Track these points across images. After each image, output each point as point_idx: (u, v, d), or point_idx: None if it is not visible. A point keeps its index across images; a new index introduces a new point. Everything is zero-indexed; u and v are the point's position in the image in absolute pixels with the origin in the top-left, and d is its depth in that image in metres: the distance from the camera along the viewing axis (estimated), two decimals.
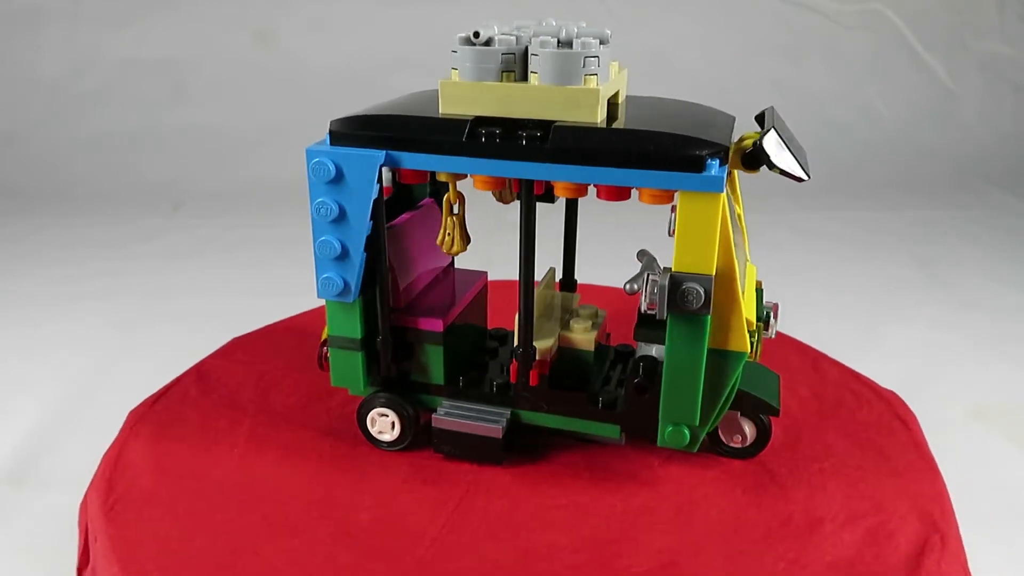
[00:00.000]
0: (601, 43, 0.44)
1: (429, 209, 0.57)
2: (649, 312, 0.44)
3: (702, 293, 0.42)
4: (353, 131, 0.46)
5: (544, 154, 0.43)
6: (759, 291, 0.51)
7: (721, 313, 0.44)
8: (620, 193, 0.43)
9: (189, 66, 1.44)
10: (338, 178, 0.45)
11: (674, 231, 0.43)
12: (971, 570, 0.48)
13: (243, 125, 1.41)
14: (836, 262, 1.05)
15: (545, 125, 0.43)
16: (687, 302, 0.43)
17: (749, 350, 0.45)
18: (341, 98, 1.40)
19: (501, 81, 0.44)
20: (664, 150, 0.41)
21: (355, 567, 0.43)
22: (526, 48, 0.44)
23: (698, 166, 0.41)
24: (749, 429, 0.51)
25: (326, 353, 0.52)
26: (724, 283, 0.43)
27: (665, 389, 0.46)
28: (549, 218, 0.50)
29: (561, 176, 0.43)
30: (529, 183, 0.44)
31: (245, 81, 1.44)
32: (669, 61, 1.47)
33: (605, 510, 0.48)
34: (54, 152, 1.38)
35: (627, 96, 0.50)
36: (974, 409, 0.70)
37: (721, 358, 0.45)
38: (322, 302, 0.50)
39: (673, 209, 0.43)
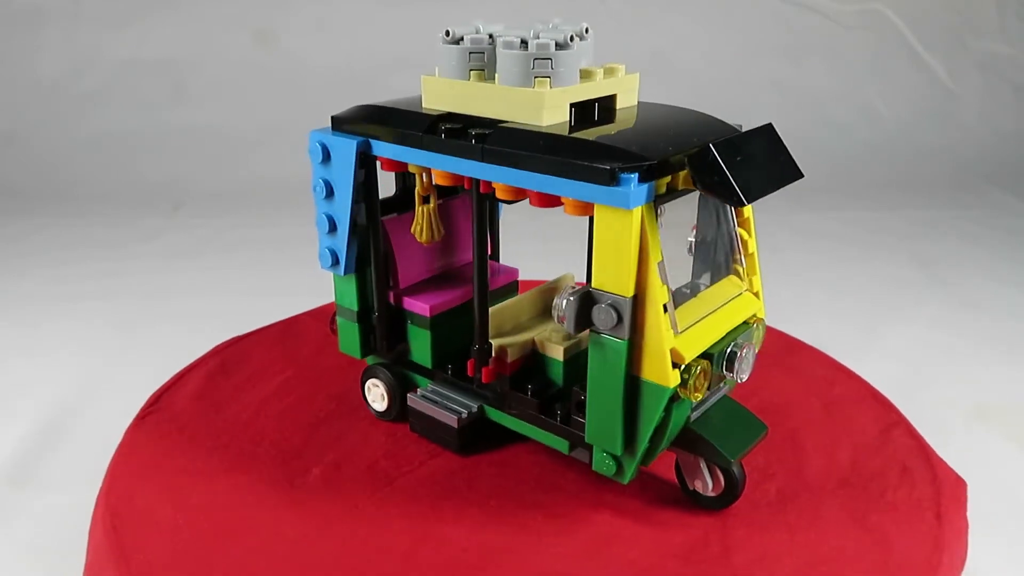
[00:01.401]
0: (558, 46, 0.43)
1: (464, 201, 0.57)
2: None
3: (614, 315, 0.40)
4: (345, 118, 0.50)
5: (483, 154, 0.43)
6: (747, 326, 0.45)
7: (637, 340, 0.41)
8: (549, 200, 0.41)
9: (189, 66, 1.44)
10: (326, 159, 0.50)
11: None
12: (971, 570, 0.48)
13: (243, 125, 1.41)
14: (836, 262, 1.05)
15: (493, 125, 0.43)
16: (599, 322, 0.41)
17: (671, 385, 0.41)
18: (341, 98, 1.39)
19: (469, 80, 0.45)
20: (580, 160, 0.39)
21: None
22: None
23: (611, 179, 0.38)
24: (711, 476, 0.47)
25: (335, 320, 0.56)
26: (641, 307, 0.40)
27: (588, 411, 0.44)
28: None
29: (495, 177, 0.43)
30: (477, 181, 0.44)
31: (245, 81, 1.44)
32: (669, 61, 1.47)
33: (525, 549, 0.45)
34: (54, 152, 1.38)
35: (639, 103, 0.48)
36: (974, 409, 0.70)
37: (642, 388, 0.42)
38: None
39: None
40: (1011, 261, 1.05)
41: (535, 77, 0.43)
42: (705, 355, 0.42)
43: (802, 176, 0.43)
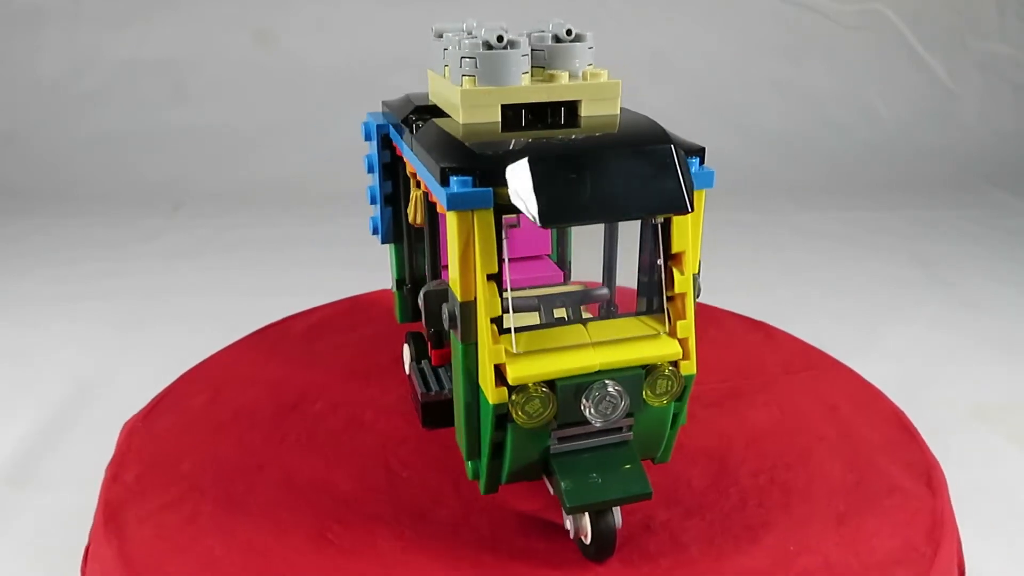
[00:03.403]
0: (487, 46, 0.42)
1: None
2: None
3: (446, 315, 0.40)
4: (387, 103, 0.52)
5: (412, 147, 0.44)
6: (636, 371, 0.40)
7: (474, 347, 0.40)
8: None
9: (189, 66, 1.44)
10: (368, 138, 0.53)
11: None
12: (971, 570, 0.48)
13: (243, 125, 1.41)
14: (836, 262, 1.05)
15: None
16: (444, 320, 0.40)
17: (492, 401, 0.39)
18: (341, 98, 1.40)
19: (444, 76, 0.46)
20: (432, 158, 0.39)
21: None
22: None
23: (442, 179, 0.37)
24: (576, 521, 0.43)
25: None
26: (474, 316, 0.39)
27: (455, 410, 0.43)
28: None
29: (418, 171, 0.43)
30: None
31: (245, 81, 1.44)
32: (669, 61, 1.47)
33: None
34: (54, 152, 1.38)
35: (623, 110, 0.46)
36: (974, 409, 0.70)
37: (480, 397, 0.40)
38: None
39: None
40: (1011, 261, 1.05)
41: (462, 75, 0.42)
42: (551, 385, 0.39)
43: (682, 210, 0.37)
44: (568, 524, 0.43)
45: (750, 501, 0.48)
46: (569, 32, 0.45)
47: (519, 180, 0.36)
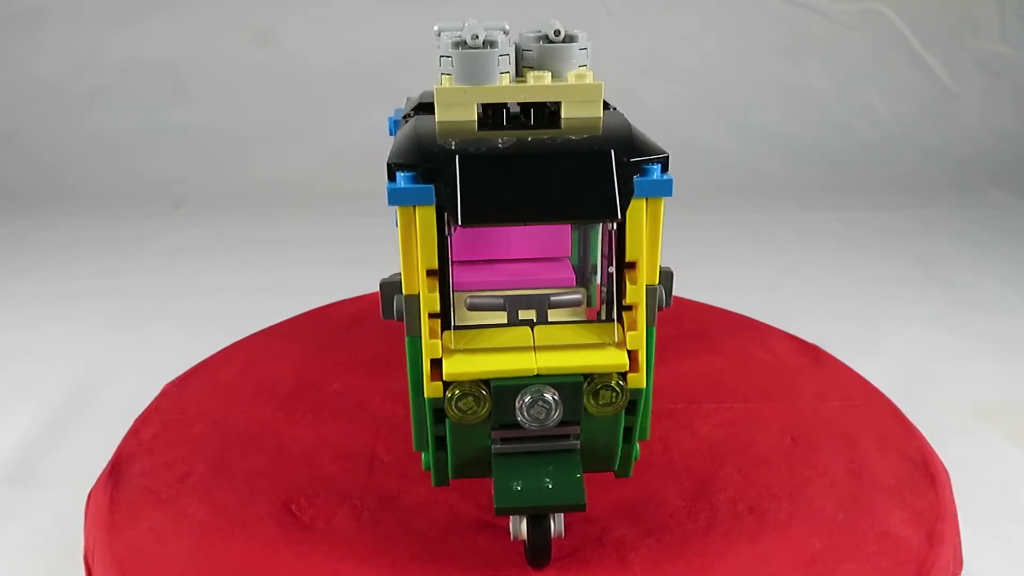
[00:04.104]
0: (463, 44, 0.42)
1: None
2: None
3: (395, 307, 0.40)
4: (409, 99, 0.53)
5: None
6: (575, 379, 0.40)
7: (419, 343, 0.40)
8: None
9: (189, 66, 1.44)
10: (391, 133, 0.53)
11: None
12: (970, 570, 0.48)
13: (243, 125, 1.41)
14: (836, 262, 1.05)
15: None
16: (395, 311, 0.41)
17: (427, 395, 0.40)
18: (341, 98, 1.40)
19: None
20: (392, 153, 0.40)
21: None
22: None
23: (389, 175, 0.38)
24: (516, 524, 0.43)
25: None
26: (415, 308, 0.40)
27: None
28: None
29: None
30: None
31: (245, 81, 1.44)
32: (669, 61, 1.47)
33: None
34: (54, 152, 1.38)
35: (609, 111, 0.46)
36: (974, 409, 0.70)
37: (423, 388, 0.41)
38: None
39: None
40: (1011, 261, 1.05)
41: (441, 73, 0.43)
42: (487, 385, 0.40)
43: (610, 217, 0.37)
44: (511, 526, 0.44)
45: (718, 528, 0.47)
46: (557, 33, 0.45)
47: (448, 178, 0.37)
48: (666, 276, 0.42)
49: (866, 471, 0.52)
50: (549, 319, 0.43)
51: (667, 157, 0.39)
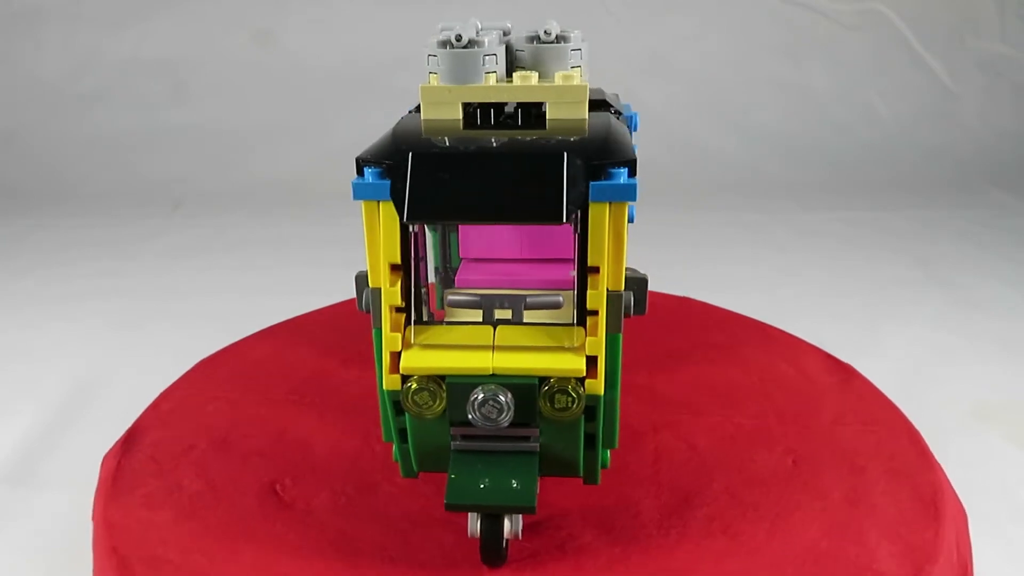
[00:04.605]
0: (447, 44, 0.43)
1: None
2: None
3: (364, 298, 0.41)
4: None
5: None
6: (530, 380, 0.40)
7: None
8: None
9: (189, 66, 1.44)
10: None
11: None
12: (971, 570, 0.48)
13: (243, 125, 1.41)
14: (836, 262, 1.05)
15: None
16: (363, 304, 0.42)
17: (385, 387, 0.41)
18: (341, 98, 1.40)
19: None
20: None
21: None
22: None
23: (358, 170, 0.39)
24: (472, 521, 0.43)
25: None
26: (379, 303, 0.40)
27: None
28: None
29: None
30: None
31: (245, 81, 1.44)
32: (669, 61, 1.47)
33: None
34: (54, 152, 1.38)
35: (594, 113, 0.45)
36: (974, 409, 0.70)
37: None
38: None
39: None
40: (1011, 261, 1.05)
41: (428, 72, 0.43)
42: (442, 380, 0.40)
43: (553, 220, 0.37)
44: (468, 523, 0.44)
45: (686, 544, 0.46)
46: (548, 33, 0.45)
47: (401, 174, 0.37)
48: (636, 283, 0.42)
49: (865, 500, 0.49)
50: (526, 320, 0.43)
51: (634, 161, 0.39)
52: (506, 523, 0.43)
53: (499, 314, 0.44)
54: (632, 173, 0.39)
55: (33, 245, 1.12)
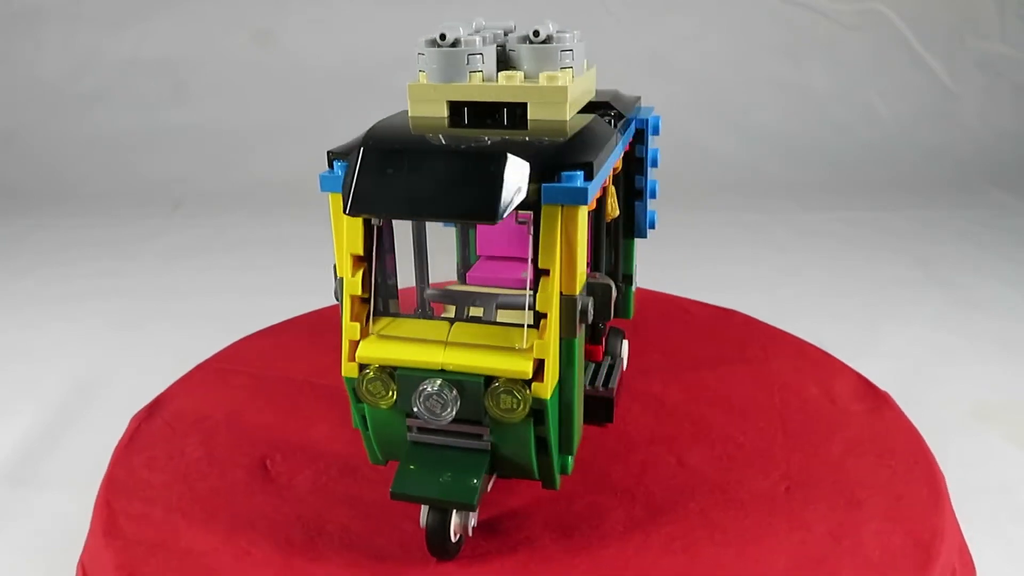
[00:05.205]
0: (433, 43, 0.43)
1: None
2: None
3: (336, 288, 0.43)
4: None
5: None
6: (475, 378, 0.40)
7: None
8: None
9: (189, 66, 1.44)
10: None
11: None
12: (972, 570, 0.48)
13: (243, 125, 1.41)
14: (836, 262, 1.05)
15: None
16: (336, 293, 0.43)
17: (343, 374, 0.42)
18: (341, 98, 1.40)
19: None
20: None
21: None
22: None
23: (329, 163, 0.41)
24: (424, 512, 0.44)
25: None
26: (344, 292, 0.42)
27: None
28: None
29: None
30: None
31: (245, 81, 1.44)
32: (668, 61, 1.47)
33: None
34: (54, 152, 1.38)
35: (577, 116, 0.46)
36: (974, 409, 0.70)
37: None
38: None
39: None
40: (1011, 261, 1.05)
41: (418, 70, 0.44)
42: (392, 373, 0.41)
43: (486, 219, 0.37)
44: (420, 515, 0.44)
45: (642, 559, 0.45)
46: (536, 33, 0.45)
47: (350, 167, 0.38)
48: (598, 288, 0.42)
49: (850, 537, 0.46)
50: (500, 319, 0.44)
51: (590, 164, 0.39)
52: (455, 518, 0.43)
53: (473, 311, 0.44)
54: (588, 177, 0.39)
55: (33, 245, 1.12)
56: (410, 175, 0.37)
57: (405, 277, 0.47)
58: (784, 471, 0.52)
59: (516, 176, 0.37)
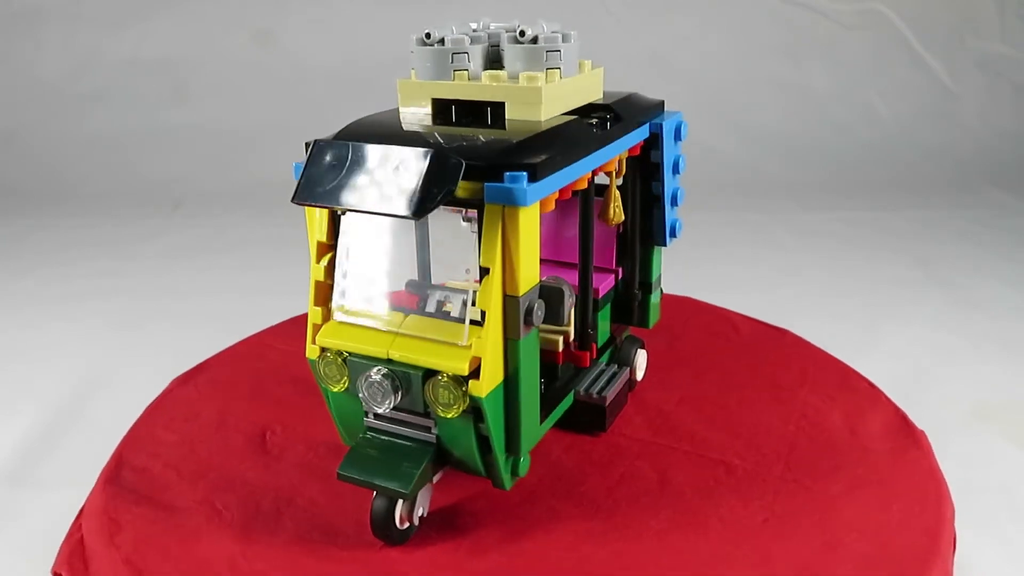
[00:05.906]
0: (420, 42, 0.45)
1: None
2: None
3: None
4: None
5: None
6: (415, 370, 0.42)
7: None
8: None
9: (189, 66, 1.44)
10: None
11: None
12: (969, 569, 0.48)
13: (243, 125, 1.41)
14: (836, 262, 1.05)
15: None
16: None
17: (307, 355, 0.44)
18: (341, 98, 1.40)
19: None
20: None
21: None
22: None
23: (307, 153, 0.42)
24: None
25: None
26: (312, 278, 0.44)
27: None
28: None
29: None
30: None
31: (245, 81, 1.44)
32: (668, 61, 1.47)
33: None
34: (54, 152, 1.38)
35: (559, 117, 0.46)
36: (974, 409, 0.70)
37: None
38: None
39: None
40: (1011, 261, 1.05)
41: (410, 68, 0.46)
42: (344, 358, 0.43)
43: (404, 215, 0.38)
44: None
45: (579, 570, 0.44)
46: (523, 33, 0.45)
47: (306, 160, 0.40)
48: (549, 292, 0.42)
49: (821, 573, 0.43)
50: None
51: (535, 166, 0.39)
52: (400, 506, 0.44)
53: (446, 307, 0.45)
54: (532, 179, 0.39)
55: (33, 245, 1.12)
56: (349, 168, 0.39)
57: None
58: (768, 502, 0.49)
59: (442, 174, 0.38)
